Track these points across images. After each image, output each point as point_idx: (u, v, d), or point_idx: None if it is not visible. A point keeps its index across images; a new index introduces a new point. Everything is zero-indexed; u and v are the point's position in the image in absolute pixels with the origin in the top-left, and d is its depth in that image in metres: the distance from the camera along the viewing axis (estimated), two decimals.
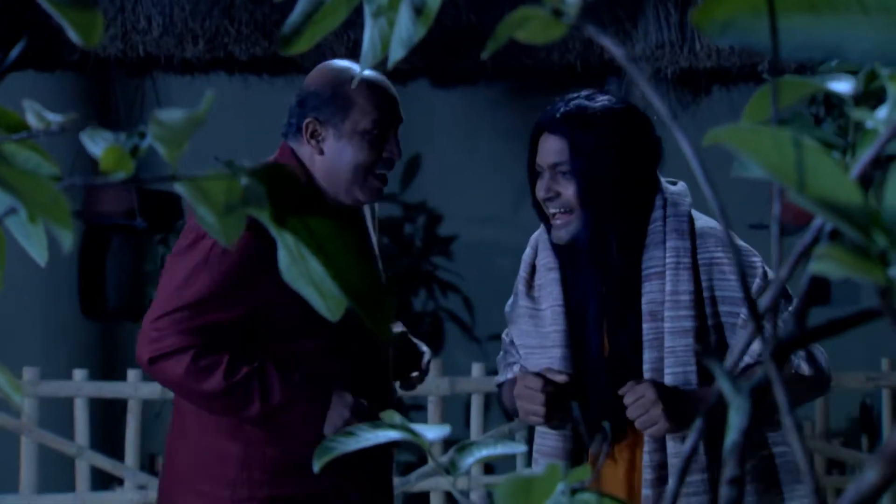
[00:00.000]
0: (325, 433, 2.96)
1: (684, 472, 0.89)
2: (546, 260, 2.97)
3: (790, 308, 2.84)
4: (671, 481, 2.77)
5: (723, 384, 0.86)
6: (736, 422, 0.86)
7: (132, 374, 5.66)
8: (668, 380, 2.82)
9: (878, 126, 0.92)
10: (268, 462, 2.98)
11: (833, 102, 5.79)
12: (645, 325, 2.85)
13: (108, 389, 5.72)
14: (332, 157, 3.03)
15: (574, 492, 0.96)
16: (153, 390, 5.59)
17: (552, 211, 2.91)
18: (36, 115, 0.98)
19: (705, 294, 2.88)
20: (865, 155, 0.87)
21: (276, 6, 6.73)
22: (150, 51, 6.62)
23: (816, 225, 0.90)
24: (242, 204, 0.95)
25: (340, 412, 2.96)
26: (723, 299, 2.89)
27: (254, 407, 2.91)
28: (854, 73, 1.06)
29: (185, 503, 3.04)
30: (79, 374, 5.65)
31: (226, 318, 2.91)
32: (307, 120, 3.06)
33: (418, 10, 1.05)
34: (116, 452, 5.81)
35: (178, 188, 0.94)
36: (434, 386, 5.63)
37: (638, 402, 2.78)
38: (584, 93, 3.02)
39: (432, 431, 1.10)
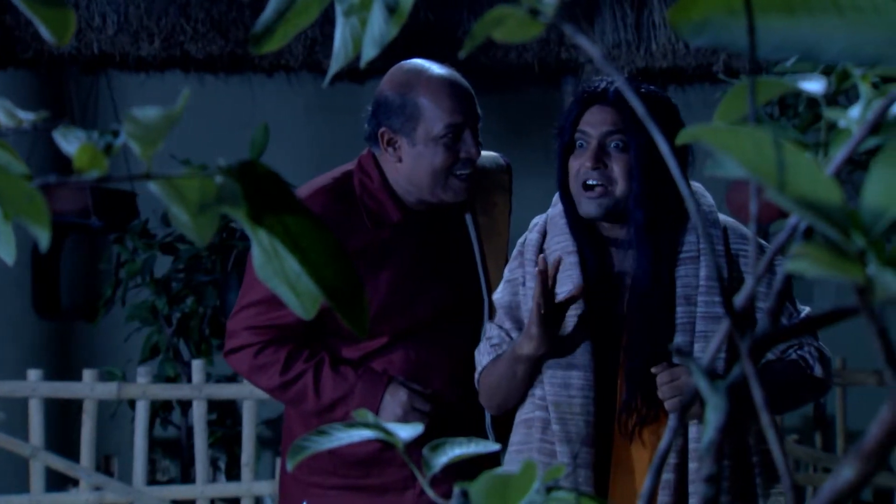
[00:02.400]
0: None
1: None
2: (563, 243, 2.92)
3: (799, 314, 2.91)
4: (691, 466, 2.73)
5: (699, 382, 0.86)
6: (713, 420, 0.86)
7: (87, 374, 5.62)
8: None
9: (850, 125, 0.92)
10: (333, 454, 3.07)
11: (787, 103, 5.82)
12: (679, 309, 2.82)
13: (64, 390, 5.68)
14: (410, 164, 3.03)
15: (549, 490, 0.96)
16: (109, 390, 5.55)
17: (591, 183, 2.85)
18: (7, 113, 0.97)
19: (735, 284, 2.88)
20: (839, 154, 0.87)
21: (233, 4, 6.70)
22: (105, 48, 6.58)
23: (791, 224, 0.91)
24: (217, 202, 0.95)
25: (392, 409, 3.01)
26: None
27: (308, 402, 3.05)
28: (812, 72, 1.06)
29: (283, 486, 3.22)
30: (33, 374, 5.60)
31: (289, 317, 3.01)
32: (381, 129, 3.06)
33: (391, 9, 1.04)
34: (71, 453, 5.77)
35: (152, 187, 0.94)
36: None
37: (672, 383, 2.73)
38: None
39: (405, 431, 1.10)
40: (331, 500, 3.11)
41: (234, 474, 6.28)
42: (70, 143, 0.92)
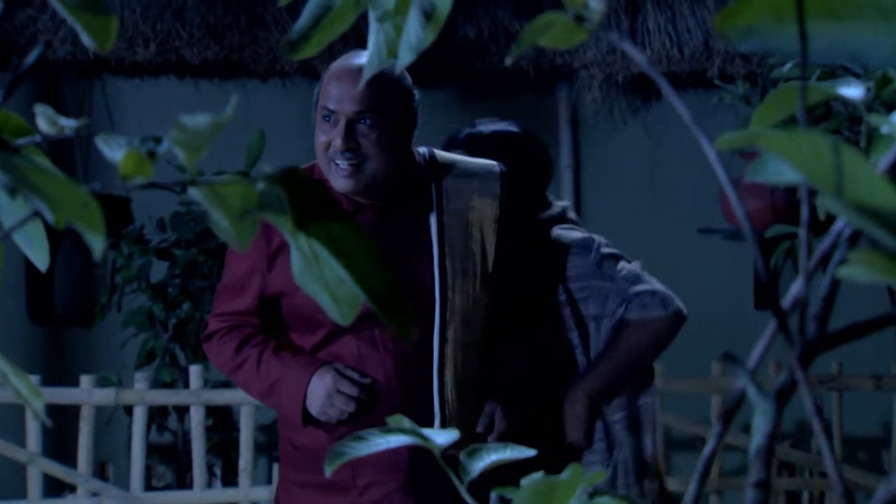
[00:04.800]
0: (311, 410, 3.03)
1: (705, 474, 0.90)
2: None
3: (624, 267, 3.26)
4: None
5: (748, 388, 0.86)
6: (761, 426, 0.86)
7: (85, 379, 5.61)
8: None
9: (893, 131, 0.93)
10: (297, 449, 3.13)
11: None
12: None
13: (62, 395, 5.67)
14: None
15: (592, 495, 0.96)
16: (106, 396, 5.55)
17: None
18: (48, 120, 0.97)
19: None
20: (885, 159, 0.87)
21: (228, 10, 6.69)
22: (100, 53, 6.57)
23: (836, 230, 0.91)
24: (259, 209, 0.95)
25: (317, 391, 3.02)
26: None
27: (252, 387, 3.11)
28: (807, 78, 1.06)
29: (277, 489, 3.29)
30: (31, 380, 5.57)
31: (243, 303, 3.11)
32: None
33: (428, 16, 1.05)
34: (68, 459, 5.76)
35: (193, 193, 0.94)
36: None
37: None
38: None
39: (442, 436, 1.10)
40: (296, 496, 3.14)
41: (230, 480, 6.27)
42: (113, 149, 0.92)
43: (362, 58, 3.06)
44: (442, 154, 3.21)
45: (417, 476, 3.05)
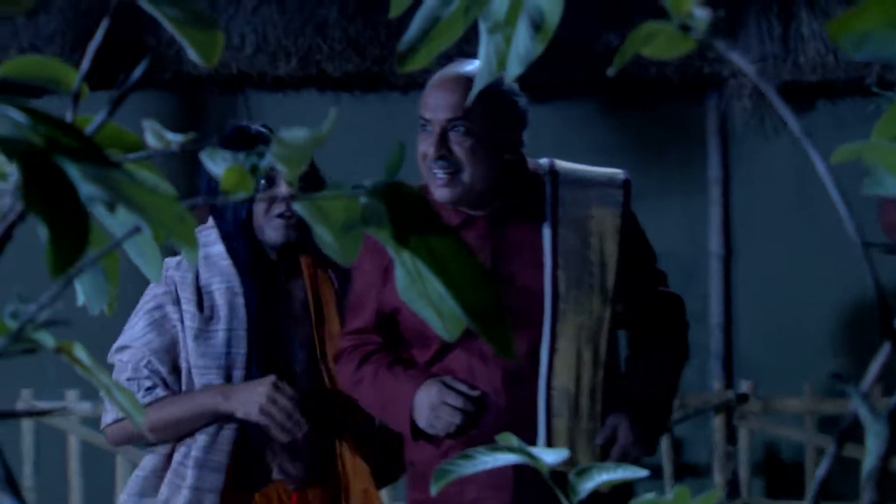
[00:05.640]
0: (419, 423, 3.02)
1: None
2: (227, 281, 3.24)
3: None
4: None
5: (860, 409, 0.83)
6: (874, 448, 0.83)
7: None
8: None
9: None
10: (408, 464, 3.17)
11: None
12: None
13: None
14: None
15: None
16: None
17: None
18: (155, 135, 0.98)
19: None
20: None
21: (369, 23, 6.74)
22: (243, 68, 6.67)
23: None
24: (362, 223, 0.94)
25: (423, 404, 3.00)
26: None
27: (372, 407, 3.14)
28: None
29: None
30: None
31: (361, 321, 3.11)
32: None
33: (537, 26, 1.03)
34: None
35: (296, 207, 0.93)
36: None
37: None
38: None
39: (551, 455, 1.08)
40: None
41: None
42: (217, 164, 0.92)
43: (461, 66, 3.02)
44: (563, 164, 3.13)
45: (524, 493, 3.00)
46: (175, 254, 3.18)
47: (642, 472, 1.08)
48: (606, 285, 3.02)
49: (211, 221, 3.21)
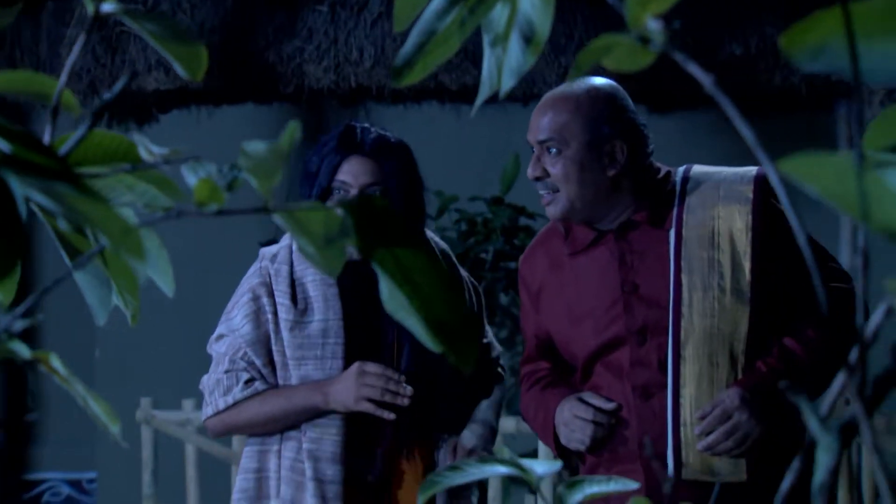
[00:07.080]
0: (561, 440, 3.07)
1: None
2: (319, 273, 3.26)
3: None
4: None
5: (810, 421, 0.82)
6: (824, 461, 0.82)
7: None
8: None
9: None
10: None
11: None
12: None
13: None
14: None
15: None
16: None
17: None
18: (145, 150, 1.00)
19: None
20: None
21: None
22: (362, 82, 6.74)
23: None
24: (340, 235, 0.96)
25: (562, 420, 3.07)
26: None
27: (535, 430, 3.22)
28: None
29: None
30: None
31: (528, 351, 3.20)
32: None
33: (527, 40, 1.04)
34: None
35: (276, 219, 0.95)
36: None
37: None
38: None
39: (542, 466, 1.08)
40: None
41: None
42: (191, 176, 0.94)
43: (562, 87, 3.05)
44: (698, 169, 3.09)
45: None
46: (270, 244, 3.24)
47: (633, 485, 1.08)
48: (741, 286, 2.93)
49: None
